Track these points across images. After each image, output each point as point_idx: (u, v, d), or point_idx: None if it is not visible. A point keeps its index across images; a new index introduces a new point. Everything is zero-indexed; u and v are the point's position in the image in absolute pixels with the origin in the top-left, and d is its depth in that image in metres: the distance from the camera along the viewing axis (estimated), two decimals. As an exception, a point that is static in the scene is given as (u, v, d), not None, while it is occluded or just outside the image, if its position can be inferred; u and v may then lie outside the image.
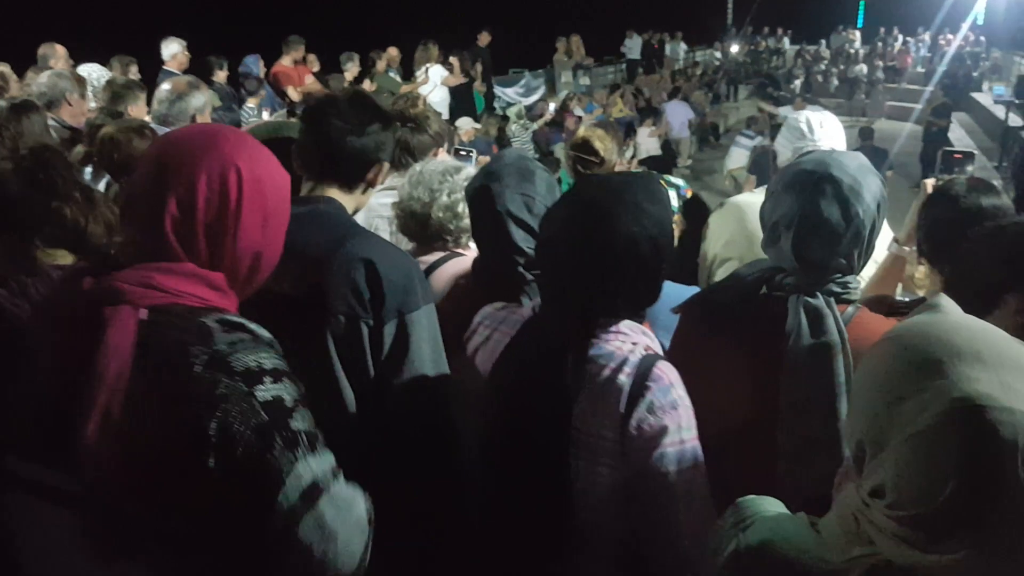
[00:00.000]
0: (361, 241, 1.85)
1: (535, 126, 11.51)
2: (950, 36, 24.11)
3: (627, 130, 13.97)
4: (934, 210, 2.12)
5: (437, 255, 2.40)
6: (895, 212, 1.92)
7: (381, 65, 10.56)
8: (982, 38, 24.02)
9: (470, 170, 2.50)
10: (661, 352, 1.59)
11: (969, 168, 2.39)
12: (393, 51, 10.79)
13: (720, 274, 2.75)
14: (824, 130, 2.69)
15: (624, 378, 1.47)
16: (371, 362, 1.80)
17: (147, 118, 4.12)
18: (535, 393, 1.53)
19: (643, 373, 1.48)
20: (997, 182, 8.10)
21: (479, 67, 12.20)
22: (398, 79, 10.60)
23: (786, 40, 27.81)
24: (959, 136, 15.24)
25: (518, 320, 1.69)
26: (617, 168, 3.23)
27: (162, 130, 3.66)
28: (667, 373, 1.50)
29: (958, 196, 2.05)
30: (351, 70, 10.14)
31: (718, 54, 24.87)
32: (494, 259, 2.11)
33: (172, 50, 7.42)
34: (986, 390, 0.83)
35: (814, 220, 1.66)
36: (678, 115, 15.26)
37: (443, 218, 2.37)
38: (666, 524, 1.46)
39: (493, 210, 2.04)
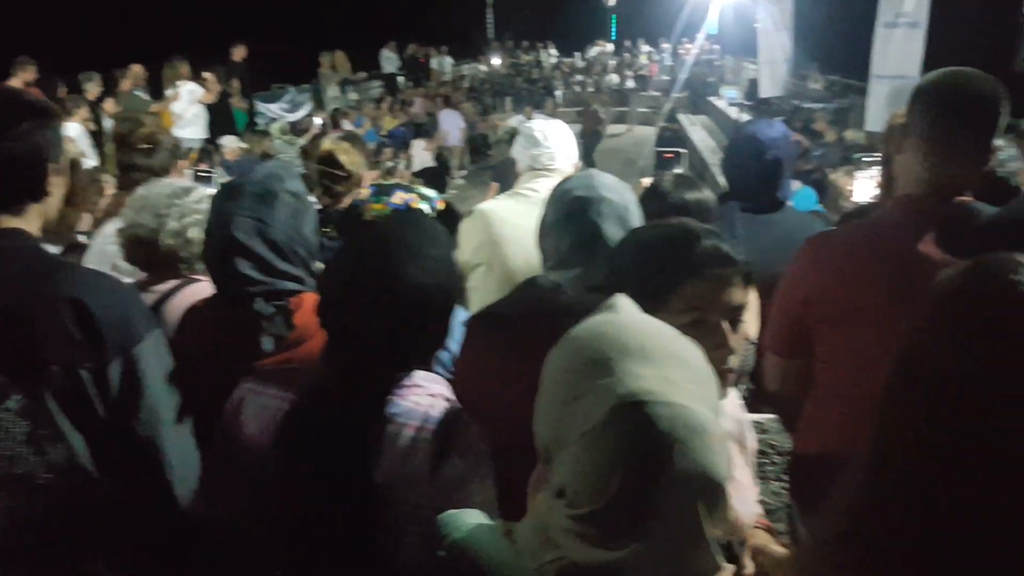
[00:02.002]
0: (61, 277, 1.63)
1: (301, 141, 11.25)
2: (689, 45, 26.28)
3: (400, 143, 14.05)
4: (646, 206, 2.28)
5: (171, 283, 2.26)
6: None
7: (126, 84, 9.87)
8: (716, 46, 26.31)
9: (203, 191, 2.38)
10: (455, 399, 1.53)
11: (678, 168, 2.60)
12: (138, 68, 10.11)
13: (473, 279, 2.81)
14: (557, 138, 2.83)
15: (428, 435, 1.39)
16: (101, 407, 1.63)
17: None
18: (331, 461, 1.40)
19: (447, 427, 1.41)
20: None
21: (235, 83, 11.72)
22: (146, 98, 9.96)
23: (545, 53, 29.06)
24: (701, 137, 16.63)
25: (291, 383, 1.53)
26: (367, 181, 3.21)
27: None
28: (472, 425, 1.44)
29: (665, 192, 2.23)
30: (91, 90, 9.39)
31: (483, 67, 25.57)
32: (221, 288, 1.94)
33: None
34: (647, 386, 0.86)
35: (602, 246, 1.70)
36: (451, 124, 15.53)
37: (174, 244, 2.23)
38: None
39: (219, 232, 1.88)
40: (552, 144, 2.81)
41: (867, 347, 1.78)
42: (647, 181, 2.45)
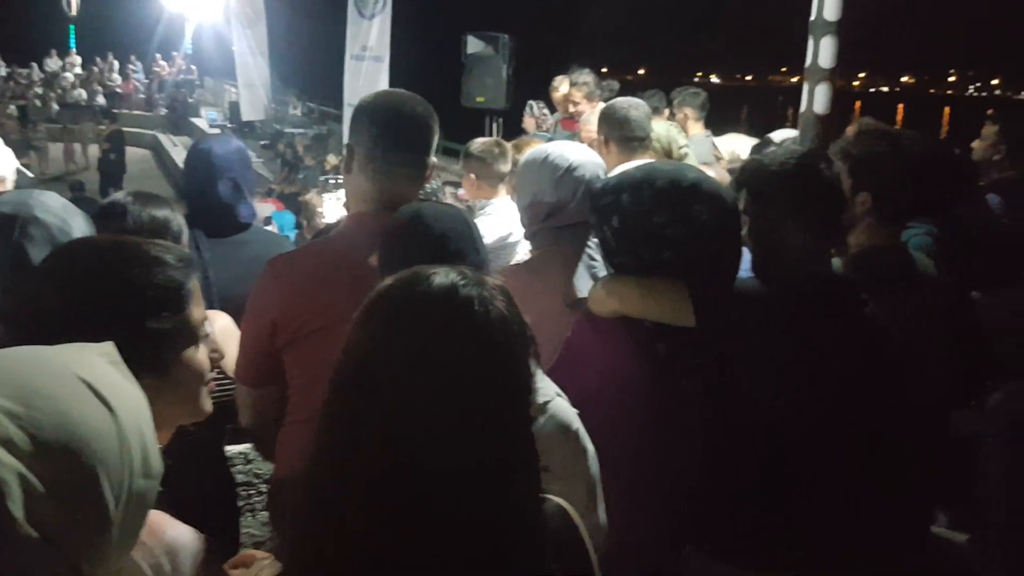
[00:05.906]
0: None
1: None
2: (164, 63, 25.04)
3: None
4: (105, 224, 1.96)
5: None
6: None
7: None
8: (193, 66, 25.49)
9: None
10: None
11: None
12: None
13: None
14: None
15: None
16: None
17: None
18: None
19: None
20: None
21: None
22: None
23: (-3, 63, 25.19)
24: (184, 158, 15.98)
25: None
26: None
27: None
28: None
29: (126, 207, 1.95)
30: None
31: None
32: None
33: None
34: None
35: (25, 266, 1.57)
36: None
37: None
38: None
39: None
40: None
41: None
42: None
